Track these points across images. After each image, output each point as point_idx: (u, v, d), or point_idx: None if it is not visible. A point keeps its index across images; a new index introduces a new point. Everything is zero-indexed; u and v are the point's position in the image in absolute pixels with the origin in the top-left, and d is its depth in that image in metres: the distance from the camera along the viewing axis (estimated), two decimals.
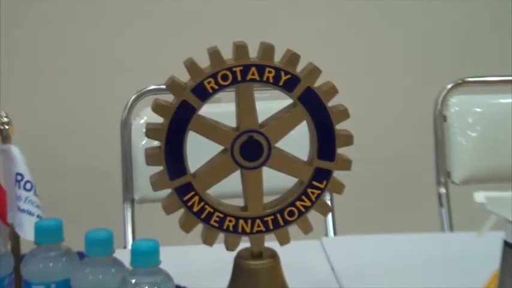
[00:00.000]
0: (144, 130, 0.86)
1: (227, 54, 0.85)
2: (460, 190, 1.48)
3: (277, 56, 0.85)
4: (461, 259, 1.10)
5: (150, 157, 0.86)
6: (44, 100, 2.07)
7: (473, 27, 2.19)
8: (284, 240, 0.90)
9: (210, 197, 0.88)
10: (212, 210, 0.87)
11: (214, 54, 0.84)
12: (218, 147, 0.88)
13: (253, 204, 0.89)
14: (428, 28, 2.18)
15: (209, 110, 0.88)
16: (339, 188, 0.90)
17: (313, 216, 0.91)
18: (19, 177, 0.89)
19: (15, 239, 0.91)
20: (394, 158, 2.16)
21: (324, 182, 0.89)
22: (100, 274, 0.80)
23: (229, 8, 2.07)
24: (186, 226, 0.88)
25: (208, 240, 0.89)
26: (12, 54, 2.02)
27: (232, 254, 0.91)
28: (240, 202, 0.91)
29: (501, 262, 0.77)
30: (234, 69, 0.84)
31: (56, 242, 0.83)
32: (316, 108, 0.87)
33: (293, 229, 0.90)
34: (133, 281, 0.76)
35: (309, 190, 0.89)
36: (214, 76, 0.84)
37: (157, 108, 0.85)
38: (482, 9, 2.18)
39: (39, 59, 2.06)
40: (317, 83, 0.87)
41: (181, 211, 0.88)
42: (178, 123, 0.85)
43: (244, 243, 0.90)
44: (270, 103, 0.96)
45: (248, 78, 0.85)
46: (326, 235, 1.42)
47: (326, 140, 0.88)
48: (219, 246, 0.90)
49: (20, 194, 0.88)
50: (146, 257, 0.76)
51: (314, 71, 0.86)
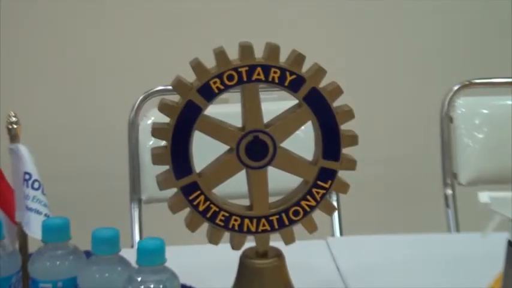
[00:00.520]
0: (150, 130, 0.86)
1: (233, 54, 0.85)
2: (467, 191, 1.48)
3: (282, 57, 0.86)
4: (467, 260, 1.10)
5: (156, 157, 0.86)
6: (52, 100, 2.08)
7: (480, 28, 2.19)
8: (289, 239, 0.91)
9: (216, 197, 0.89)
10: (218, 209, 0.88)
11: (220, 54, 0.85)
12: (224, 146, 0.89)
13: (258, 203, 0.89)
14: (435, 29, 2.18)
15: (216, 111, 0.88)
16: (344, 188, 0.90)
17: (319, 216, 0.91)
18: (27, 176, 0.89)
19: (23, 238, 0.91)
20: (401, 159, 2.16)
21: (329, 182, 0.89)
22: (106, 272, 0.80)
23: (235, 9, 2.07)
24: (192, 225, 0.88)
25: (213, 239, 0.89)
26: (23, 54, 2.04)
27: (237, 253, 0.91)
28: (246, 203, 0.91)
29: (505, 262, 0.77)
30: (240, 69, 0.85)
31: (63, 241, 0.83)
32: (321, 108, 0.87)
33: (299, 229, 0.91)
34: (139, 279, 0.76)
35: (314, 190, 0.89)
36: (220, 76, 0.85)
37: (163, 108, 0.85)
38: (490, 10, 2.17)
39: (48, 60, 2.07)
40: (322, 84, 0.87)
41: (187, 210, 0.88)
42: (184, 123, 0.85)
43: (249, 242, 0.91)
44: (278, 104, 0.96)
45: (254, 78, 0.85)
46: (332, 235, 1.42)
47: (331, 140, 0.88)
48: (225, 245, 0.90)
49: (28, 193, 0.89)
50: (152, 256, 0.77)
51: (319, 72, 0.87)
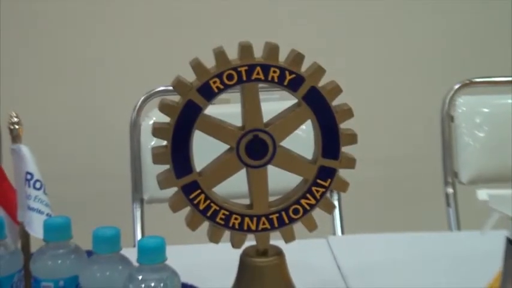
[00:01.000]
0: (151, 129, 0.87)
1: (232, 54, 0.86)
2: (468, 190, 1.48)
3: (281, 56, 0.86)
4: (468, 258, 1.10)
5: (157, 156, 0.87)
6: (54, 101, 2.08)
7: (480, 27, 2.19)
8: (289, 237, 0.91)
9: (216, 195, 0.89)
10: (218, 208, 0.88)
11: (219, 54, 0.85)
12: (224, 146, 0.89)
13: (258, 202, 0.90)
14: (435, 28, 2.18)
15: (217, 111, 0.89)
16: (343, 186, 0.91)
17: (320, 215, 0.91)
18: (29, 176, 0.90)
19: (25, 237, 0.92)
20: (402, 158, 2.16)
21: (328, 180, 0.90)
22: (107, 271, 0.81)
23: (235, 9, 2.07)
24: (192, 224, 0.89)
25: (214, 238, 0.90)
26: (24, 55, 2.04)
27: (238, 252, 0.92)
28: (246, 202, 0.92)
29: (504, 259, 0.77)
30: (239, 69, 0.85)
31: (65, 240, 0.84)
32: (320, 107, 0.87)
33: (300, 228, 0.91)
34: (139, 278, 0.77)
35: (314, 188, 0.90)
36: (219, 76, 0.85)
37: (163, 107, 0.86)
38: (490, 9, 2.17)
39: (50, 60, 2.07)
40: (321, 83, 0.88)
41: (187, 209, 0.89)
42: (184, 122, 0.86)
43: (249, 241, 0.91)
44: (278, 104, 0.97)
45: (253, 77, 0.86)
46: (334, 234, 1.42)
47: (330, 139, 0.88)
48: (225, 244, 0.90)
49: (30, 193, 0.90)
50: (152, 254, 0.77)
51: (318, 71, 0.87)
